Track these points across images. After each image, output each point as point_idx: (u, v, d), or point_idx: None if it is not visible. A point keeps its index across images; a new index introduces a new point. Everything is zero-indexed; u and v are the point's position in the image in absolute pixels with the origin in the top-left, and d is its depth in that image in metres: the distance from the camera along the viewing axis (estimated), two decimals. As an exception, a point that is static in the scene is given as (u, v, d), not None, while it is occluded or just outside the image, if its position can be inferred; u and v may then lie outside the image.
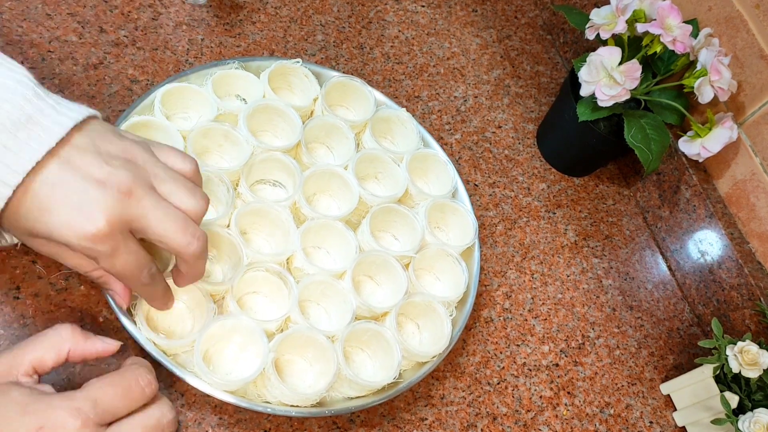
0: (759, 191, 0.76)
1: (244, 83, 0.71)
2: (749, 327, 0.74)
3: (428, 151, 0.74)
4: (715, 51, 0.71)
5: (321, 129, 0.71)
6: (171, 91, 0.66)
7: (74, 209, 0.43)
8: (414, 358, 0.62)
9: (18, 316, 0.55)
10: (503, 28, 0.97)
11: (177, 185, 0.48)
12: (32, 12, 0.70)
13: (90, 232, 0.43)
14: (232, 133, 0.65)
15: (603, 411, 0.71)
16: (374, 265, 0.65)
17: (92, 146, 0.45)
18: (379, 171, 0.72)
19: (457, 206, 0.71)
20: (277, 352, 0.57)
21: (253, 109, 0.67)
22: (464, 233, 0.71)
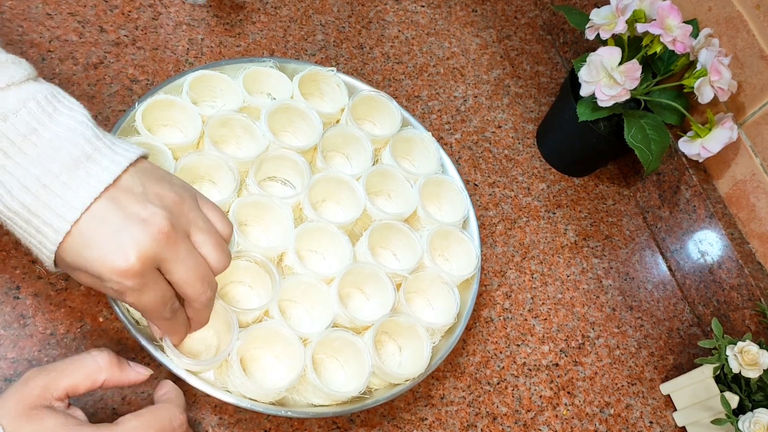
0: (759, 191, 0.76)
1: (277, 83, 0.71)
2: (749, 327, 0.74)
3: (444, 177, 0.73)
4: (715, 51, 0.71)
5: (340, 137, 0.71)
6: (202, 77, 0.67)
7: (111, 244, 0.44)
8: (387, 378, 0.60)
9: (18, 316, 0.55)
10: (503, 28, 0.97)
11: (209, 238, 0.49)
12: (32, 12, 0.69)
13: (121, 268, 0.44)
14: (251, 126, 0.66)
15: (603, 411, 0.71)
16: (364, 277, 0.64)
17: (140, 186, 0.47)
18: (392, 189, 0.72)
19: (463, 237, 0.69)
20: (247, 343, 0.56)
21: (276, 107, 0.67)
22: (466, 264, 0.69)
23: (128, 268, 0.44)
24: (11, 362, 0.53)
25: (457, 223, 0.71)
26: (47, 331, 0.55)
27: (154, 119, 0.65)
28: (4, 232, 0.58)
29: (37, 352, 0.54)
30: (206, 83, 0.68)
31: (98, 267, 0.44)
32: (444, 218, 0.72)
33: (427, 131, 0.75)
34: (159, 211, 0.46)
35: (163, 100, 0.64)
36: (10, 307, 0.55)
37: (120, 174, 0.46)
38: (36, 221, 0.44)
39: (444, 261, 0.71)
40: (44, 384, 0.45)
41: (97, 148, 0.46)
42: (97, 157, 0.46)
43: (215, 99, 0.69)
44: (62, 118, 0.46)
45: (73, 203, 0.44)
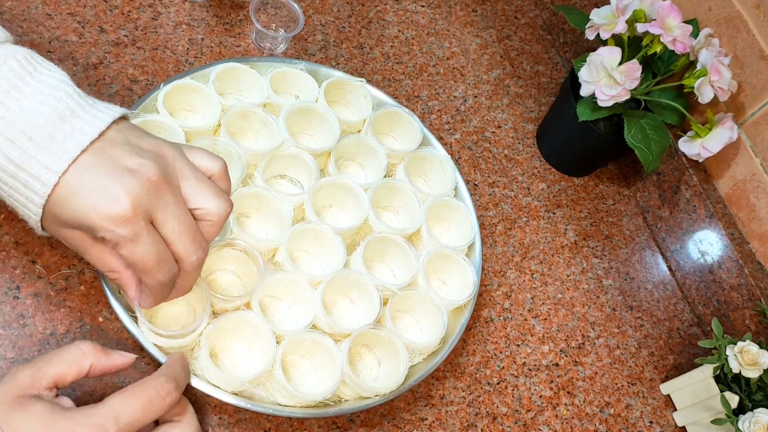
0: (759, 191, 0.76)
1: (304, 85, 0.73)
2: (749, 327, 0.74)
3: (454, 201, 0.72)
4: (715, 51, 0.71)
5: (356, 146, 0.71)
6: (230, 70, 0.69)
7: (100, 192, 0.44)
8: (357, 389, 0.58)
9: (18, 316, 0.55)
10: (503, 28, 0.97)
11: (202, 185, 0.49)
12: (32, 12, 0.69)
13: (113, 213, 0.44)
14: (270, 121, 0.66)
15: (603, 411, 0.71)
16: (350, 284, 0.63)
17: (125, 140, 0.47)
18: (400, 205, 0.71)
19: (463, 263, 0.68)
20: (220, 331, 0.57)
21: (297, 108, 0.68)
22: (463, 288, 0.68)
23: (121, 213, 0.44)
24: (11, 362, 0.53)
25: (461, 249, 0.70)
26: (47, 331, 0.55)
27: (177, 103, 0.67)
28: (4, 232, 0.58)
29: (37, 352, 0.54)
30: (234, 75, 0.69)
31: (90, 215, 0.44)
32: (450, 242, 0.71)
33: (446, 153, 0.75)
34: (147, 162, 0.46)
35: (188, 85, 0.66)
36: (10, 307, 0.55)
37: (104, 129, 0.46)
38: (23, 175, 0.44)
39: (441, 284, 0.70)
40: (31, 374, 0.45)
41: (80, 105, 0.46)
42: (81, 112, 0.46)
43: (241, 92, 0.71)
44: (43, 76, 0.46)
45: (59, 154, 0.44)
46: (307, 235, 0.64)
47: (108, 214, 0.44)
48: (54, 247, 0.59)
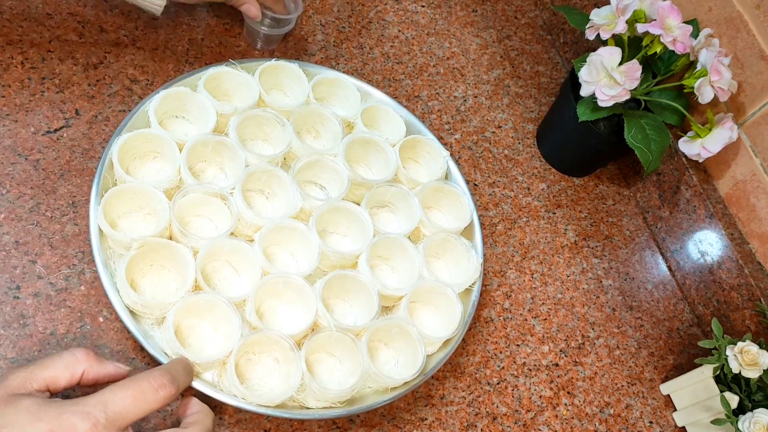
0: (759, 192, 0.76)
1: (348, 95, 0.76)
2: (749, 327, 0.74)
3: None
4: (715, 51, 0.71)
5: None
6: (271, 68, 0.72)
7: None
8: (317, 391, 0.57)
9: (18, 315, 0.55)
10: (503, 28, 0.97)
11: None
12: (33, 12, 0.69)
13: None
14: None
15: (603, 411, 0.71)
16: (342, 285, 0.64)
17: None
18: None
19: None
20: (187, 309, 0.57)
21: (354, 139, 0.71)
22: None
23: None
24: (11, 362, 0.53)
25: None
26: (47, 331, 0.55)
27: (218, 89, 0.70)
28: (3, 232, 0.58)
29: (37, 352, 0.54)
30: (273, 74, 0.73)
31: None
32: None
33: (466, 190, 0.75)
34: None
35: (221, 72, 0.69)
36: (10, 307, 0.55)
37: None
38: None
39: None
40: (23, 376, 0.45)
41: None
42: None
43: (283, 89, 0.75)
44: None
45: None
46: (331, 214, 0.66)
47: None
48: (54, 247, 0.59)
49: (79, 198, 0.62)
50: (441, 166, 0.75)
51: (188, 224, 0.63)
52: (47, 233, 0.59)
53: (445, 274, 0.70)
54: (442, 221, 0.73)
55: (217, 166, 0.67)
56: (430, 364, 0.63)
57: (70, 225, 0.60)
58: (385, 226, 0.70)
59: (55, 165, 0.63)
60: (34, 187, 0.61)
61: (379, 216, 0.71)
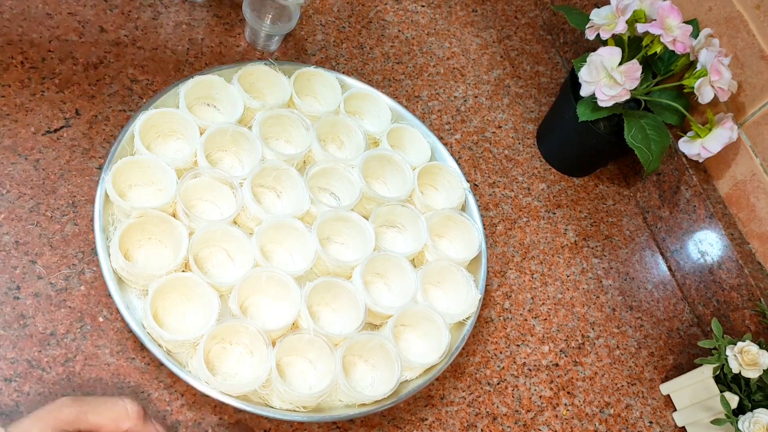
0: (759, 192, 0.76)
1: (379, 113, 0.77)
2: (749, 327, 0.74)
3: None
4: (715, 51, 0.71)
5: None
6: (308, 74, 0.74)
7: None
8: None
9: (18, 315, 0.55)
10: (503, 28, 0.97)
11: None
12: (32, 11, 0.69)
13: None
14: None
15: (603, 411, 0.71)
16: (330, 291, 0.64)
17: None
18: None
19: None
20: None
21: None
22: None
23: None
24: (11, 362, 0.53)
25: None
26: (47, 331, 0.55)
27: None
28: (3, 232, 0.58)
29: (37, 352, 0.54)
30: (306, 80, 0.74)
31: None
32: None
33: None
34: None
35: (253, 69, 0.71)
36: (10, 307, 0.55)
37: None
38: None
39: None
40: (76, 414, 0.45)
41: None
42: None
43: (316, 97, 0.76)
44: None
45: None
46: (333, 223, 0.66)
47: None
48: (54, 247, 0.59)
49: (79, 198, 0.62)
50: (459, 197, 0.74)
51: (194, 206, 0.64)
52: (47, 233, 0.59)
53: (442, 302, 0.69)
54: (449, 250, 0.72)
55: (236, 157, 0.68)
56: (405, 389, 0.61)
57: (70, 225, 0.60)
58: (390, 245, 0.69)
59: (55, 165, 0.63)
60: (34, 187, 0.61)
61: (386, 234, 0.71)
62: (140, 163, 0.61)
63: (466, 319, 0.66)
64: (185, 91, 0.66)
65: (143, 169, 0.62)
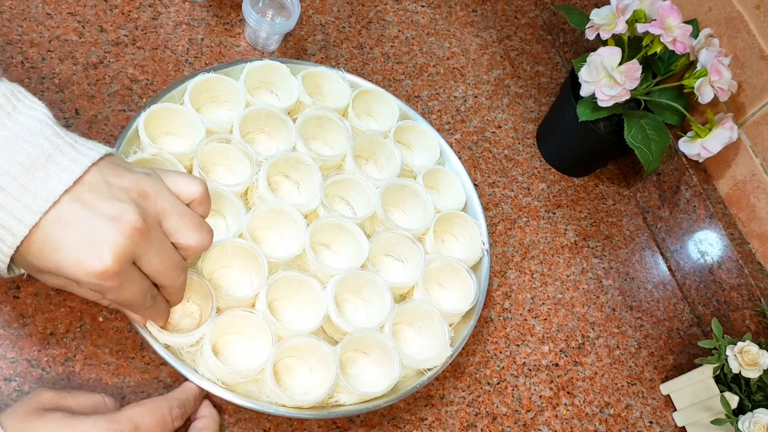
0: (759, 192, 0.76)
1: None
2: (749, 327, 0.74)
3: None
4: (715, 51, 0.71)
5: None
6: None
7: (83, 247, 0.43)
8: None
9: (18, 315, 0.55)
10: (503, 28, 0.97)
11: (184, 221, 0.48)
12: (32, 11, 0.69)
13: (98, 270, 0.43)
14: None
15: (603, 411, 0.71)
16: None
17: (104, 183, 0.45)
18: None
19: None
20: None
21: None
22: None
23: (105, 269, 0.43)
24: (11, 362, 0.53)
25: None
26: (47, 330, 0.55)
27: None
28: (3, 232, 0.58)
29: (37, 352, 0.54)
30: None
31: (73, 270, 0.43)
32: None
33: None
34: (128, 207, 0.44)
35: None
36: (10, 307, 0.55)
37: (81, 174, 0.44)
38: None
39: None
40: (55, 399, 0.46)
41: (57, 148, 0.44)
42: (58, 157, 0.44)
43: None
44: (22, 117, 0.44)
45: (32, 206, 0.43)
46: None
47: (93, 271, 0.43)
48: (54, 246, 0.59)
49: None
50: (476, 253, 0.71)
51: (210, 170, 0.66)
52: (47, 233, 0.59)
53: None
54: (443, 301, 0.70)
55: (271, 140, 0.70)
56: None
57: (70, 225, 0.60)
58: (385, 272, 0.68)
59: (55, 165, 0.63)
60: (34, 186, 0.61)
61: (384, 262, 0.69)
62: (147, 161, 0.62)
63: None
64: (247, 71, 0.70)
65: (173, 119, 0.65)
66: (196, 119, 0.65)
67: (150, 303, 0.50)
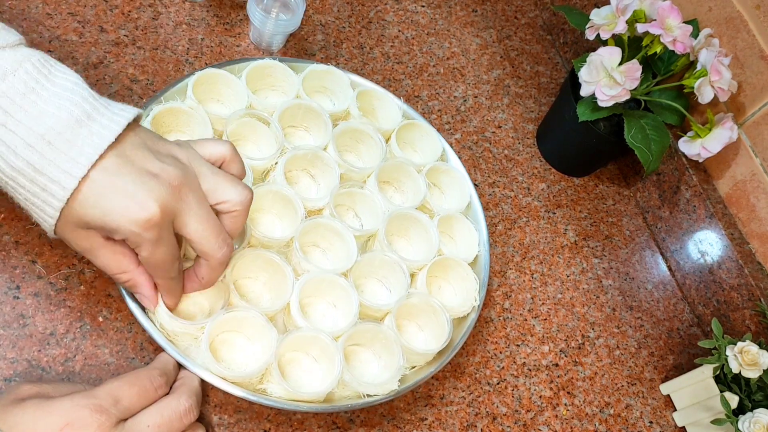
0: (759, 192, 0.76)
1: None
2: (749, 327, 0.74)
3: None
4: (715, 51, 0.71)
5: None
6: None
7: (130, 196, 0.45)
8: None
9: (18, 315, 0.55)
10: (503, 28, 0.97)
11: (219, 179, 0.50)
12: (32, 11, 0.69)
13: (143, 217, 0.45)
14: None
15: (603, 411, 0.71)
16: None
17: (143, 144, 0.48)
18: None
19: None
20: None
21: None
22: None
23: (150, 217, 0.45)
24: (11, 362, 0.53)
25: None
26: (47, 331, 0.55)
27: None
28: (4, 232, 0.58)
29: (37, 352, 0.54)
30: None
31: (118, 218, 0.45)
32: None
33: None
34: (168, 166, 0.47)
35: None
36: (9, 307, 0.55)
37: (121, 132, 0.47)
38: (42, 179, 0.45)
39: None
40: (35, 390, 0.47)
41: (95, 108, 0.47)
42: (97, 116, 0.47)
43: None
44: (58, 79, 0.47)
45: (79, 159, 0.45)
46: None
47: (138, 218, 0.45)
48: (54, 247, 0.59)
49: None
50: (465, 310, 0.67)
51: (238, 144, 0.68)
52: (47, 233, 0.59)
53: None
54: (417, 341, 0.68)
55: (308, 134, 0.72)
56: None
57: (70, 225, 0.60)
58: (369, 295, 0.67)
59: (55, 165, 0.63)
60: (34, 186, 0.61)
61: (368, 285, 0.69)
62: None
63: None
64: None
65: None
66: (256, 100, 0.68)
67: (175, 273, 0.51)
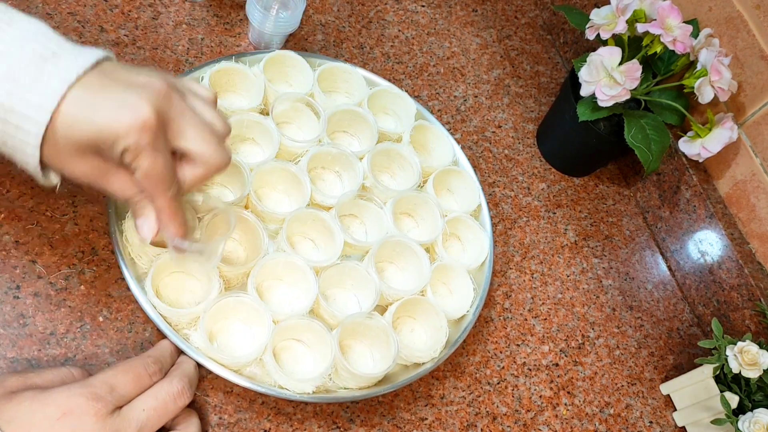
0: (759, 192, 0.76)
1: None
2: (749, 327, 0.74)
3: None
4: (715, 51, 0.71)
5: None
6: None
7: (120, 103, 0.44)
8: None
9: (18, 315, 0.55)
10: (503, 28, 0.97)
11: (205, 105, 0.49)
12: (32, 11, 0.69)
13: (140, 121, 0.43)
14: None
15: (603, 411, 0.71)
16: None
17: (123, 66, 0.47)
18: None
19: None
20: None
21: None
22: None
23: (146, 119, 0.44)
24: (11, 362, 0.53)
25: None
26: (47, 330, 0.55)
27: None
28: (4, 232, 0.58)
29: (37, 351, 0.54)
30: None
31: (113, 125, 0.43)
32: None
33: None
34: (153, 78, 0.46)
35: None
36: (10, 307, 0.55)
37: (92, 64, 0.45)
38: (13, 117, 0.43)
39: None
40: (21, 380, 0.47)
41: (61, 46, 0.45)
42: (63, 53, 0.45)
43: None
44: (21, 23, 0.45)
45: (47, 92, 0.43)
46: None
47: (134, 123, 0.43)
48: (54, 247, 0.59)
49: (79, 197, 0.62)
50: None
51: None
52: (47, 233, 0.59)
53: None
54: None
55: (353, 138, 0.75)
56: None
57: (70, 225, 0.60)
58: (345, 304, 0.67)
59: (55, 165, 0.63)
60: (34, 186, 0.61)
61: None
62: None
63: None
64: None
65: None
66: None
67: (175, 191, 0.48)
